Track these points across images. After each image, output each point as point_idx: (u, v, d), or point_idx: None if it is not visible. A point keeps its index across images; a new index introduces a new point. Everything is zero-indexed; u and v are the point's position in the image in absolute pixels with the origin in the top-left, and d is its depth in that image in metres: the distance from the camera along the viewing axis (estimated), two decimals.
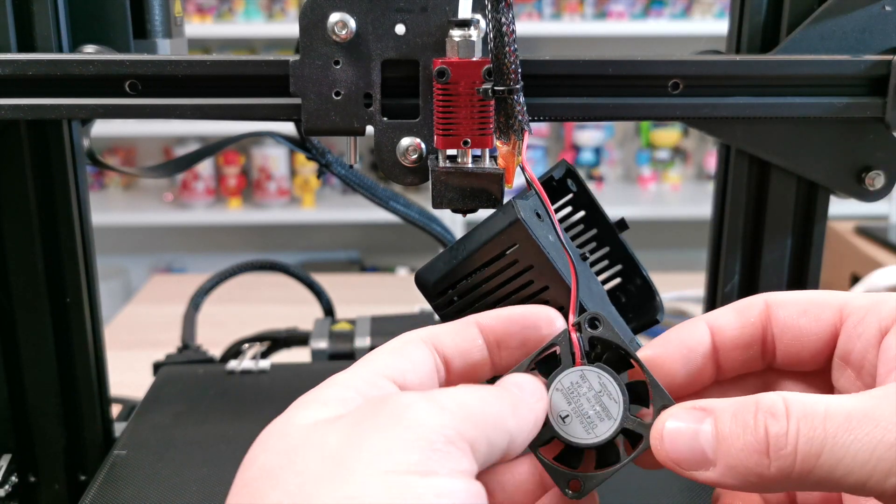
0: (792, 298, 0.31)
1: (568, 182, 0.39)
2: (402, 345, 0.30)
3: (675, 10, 2.52)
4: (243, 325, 0.74)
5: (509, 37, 0.32)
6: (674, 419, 0.28)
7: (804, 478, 0.25)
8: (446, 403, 0.25)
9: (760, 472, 0.26)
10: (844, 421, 0.25)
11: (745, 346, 0.31)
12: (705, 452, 0.27)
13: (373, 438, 0.24)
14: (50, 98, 0.40)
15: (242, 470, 0.26)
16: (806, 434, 0.25)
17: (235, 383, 0.58)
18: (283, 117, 0.41)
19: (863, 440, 0.25)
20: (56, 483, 0.50)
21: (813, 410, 0.26)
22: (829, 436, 0.25)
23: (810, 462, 0.25)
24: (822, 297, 0.31)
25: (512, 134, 0.33)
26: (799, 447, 0.25)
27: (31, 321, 0.48)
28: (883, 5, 0.42)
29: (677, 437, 0.28)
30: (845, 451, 0.25)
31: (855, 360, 0.30)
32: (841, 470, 0.25)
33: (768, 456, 0.26)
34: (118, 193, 2.73)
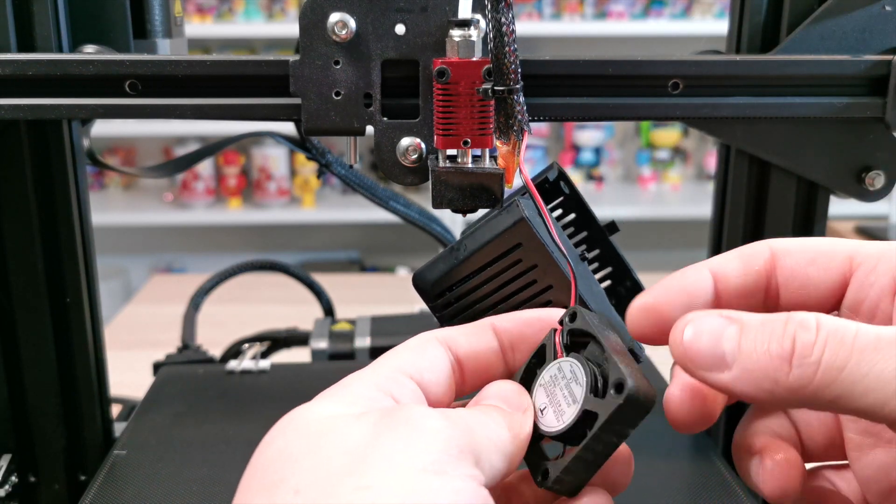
0: (799, 247, 0.30)
1: (561, 184, 0.39)
2: (421, 344, 0.30)
3: (675, 10, 2.52)
4: (243, 325, 0.74)
5: (509, 37, 0.32)
6: (697, 322, 0.27)
7: (820, 392, 0.25)
8: (457, 421, 0.26)
9: (778, 378, 0.26)
10: (874, 340, 0.25)
11: (749, 294, 0.30)
12: (725, 354, 0.27)
13: (392, 438, 0.25)
14: (50, 98, 0.40)
15: (259, 453, 0.26)
16: (833, 346, 0.25)
17: (235, 383, 0.58)
18: (283, 117, 0.41)
19: (889, 361, 0.24)
20: (56, 483, 0.50)
21: (844, 328, 0.25)
22: (856, 350, 0.25)
23: (831, 375, 0.25)
24: (830, 246, 0.30)
25: (512, 134, 0.33)
26: (824, 358, 0.25)
27: (31, 321, 0.48)
28: (883, 5, 0.42)
29: (700, 336, 0.27)
30: (870, 369, 0.24)
31: (866, 309, 0.29)
32: (861, 388, 0.24)
33: (790, 363, 0.25)
34: (118, 193, 2.73)
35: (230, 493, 0.45)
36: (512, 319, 0.31)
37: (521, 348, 0.31)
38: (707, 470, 0.47)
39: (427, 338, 0.30)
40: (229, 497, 0.45)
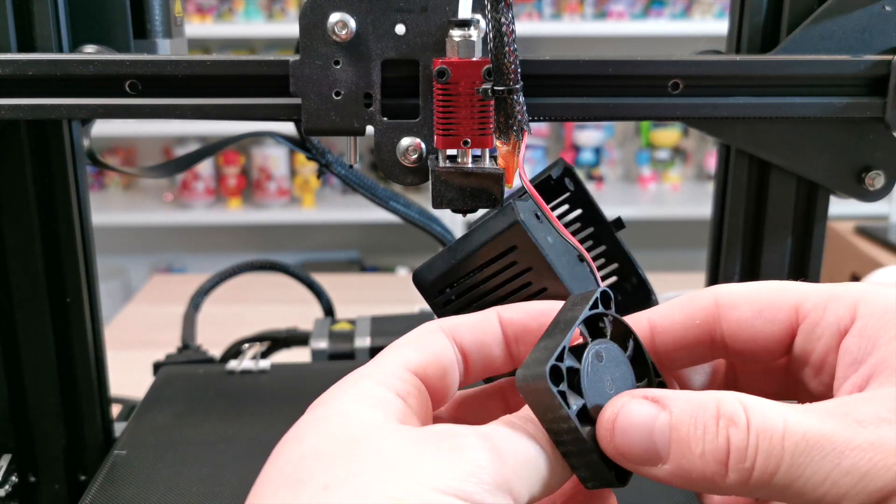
0: (744, 297, 0.30)
1: (566, 181, 0.39)
2: (423, 336, 0.30)
3: (675, 10, 2.52)
4: (243, 325, 0.74)
5: (509, 37, 0.32)
6: (626, 410, 0.27)
7: (755, 491, 0.25)
8: (505, 456, 0.25)
9: (716, 479, 0.25)
10: (801, 441, 0.24)
11: (690, 346, 0.30)
12: (658, 449, 0.26)
13: (429, 459, 0.24)
14: (50, 98, 0.40)
15: (286, 448, 0.26)
16: (765, 450, 0.25)
17: (235, 383, 0.58)
18: (283, 117, 0.41)
19: (818, 464, 0.24)
20: (56, 483, 0.50)
21: (772, 425, 0.25)
22: (786, 454, 0.24)
23: (765, 478, 0.25)
24: (775, 296, 0.29)
25: (512, 134, 0.33)
26: (757, 464, 0.25)
27: (31, 321, 0.48)
28: (883, 5, 0.42)
29: (629, 429, 0.26)
30: (801, 472, 0.24)
31: (815, 361, 0.29)
32: (795, 489, 0.24)
33: (727, 466, 0.25)
34: (118, 193, 2.73)
35: (230, 493, 0.45)
36: (518, 311, 0.31)
37: (525, 340, 0.31)
38: None
39: (432, 328, 0.30)
40: (229, 497, 0.46)
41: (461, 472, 0.24)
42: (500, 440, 0.26)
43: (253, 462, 0.26)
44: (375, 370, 0.28)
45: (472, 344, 0.30)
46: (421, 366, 0.29)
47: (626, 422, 0.26)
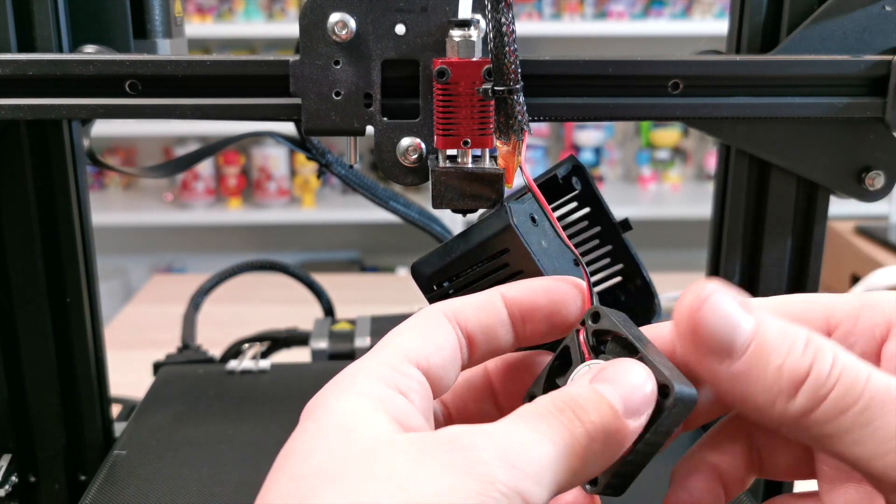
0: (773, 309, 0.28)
1: (573, 180, 0.39)
2: (425, 322, 0.29)
3: (675, 10, 2.52)
4: (243, 325, 0.74)
5: (509, 37, 0.32)
6: (719, 295, 0.25)
7: (813, 427, 0.24)
8: (522, 464, 0.24)
9: (777, 400, 0.24)
10: (884, 390, 0.24)
11: None
12: (735, 344, 0.25)
13: (438, 475, 0.23)
14: (50, 98, 0.40)
15: (291, 462, 0.25)
16: (845, 383, 0.24)
17: (235, 383, 0.58)
18: (283, 117, 0.41)
19: (892, 418, 0.23)
20: (56, 483, 0.50)
21: (858, 367, 0.24)
22: (865, 395, 0.24)
23: (832, 414, 0.24)
24: (804, 307, 0.29)
25: (512, 134, 0.33)
26: (833, 393, 0.24)
27: (31, 321, 0.48)
28: (883, 5, 0.42)
29: (715, 312, 0.25)
30: (871, 420, 0.23)
31: None
32: (853, 436, 0.23)
33: (799, 387, 0.24)
34: (118, 193, 2.73)
35: (230, 493, 0.45)
36: (522, 289, 0.30)
37: (533, 318, 0.30)
38: None
39: (434, 314, 0.29)
40: (229, 497, 0.46)
41: (470, 490, 0.23)
42: (514, 445, 0.24)
43: (253, 462, 0.26)
44: (374, 364, 0.27)
45: (477, 327, 0.29)
46: (423, 356, 0.28)
47: (716, 303, 0.25)
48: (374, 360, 0.27)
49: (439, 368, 0.28)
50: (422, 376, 0.27)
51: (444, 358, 0.28)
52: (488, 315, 0.30)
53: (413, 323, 0.29)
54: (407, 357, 0.27)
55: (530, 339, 0.31)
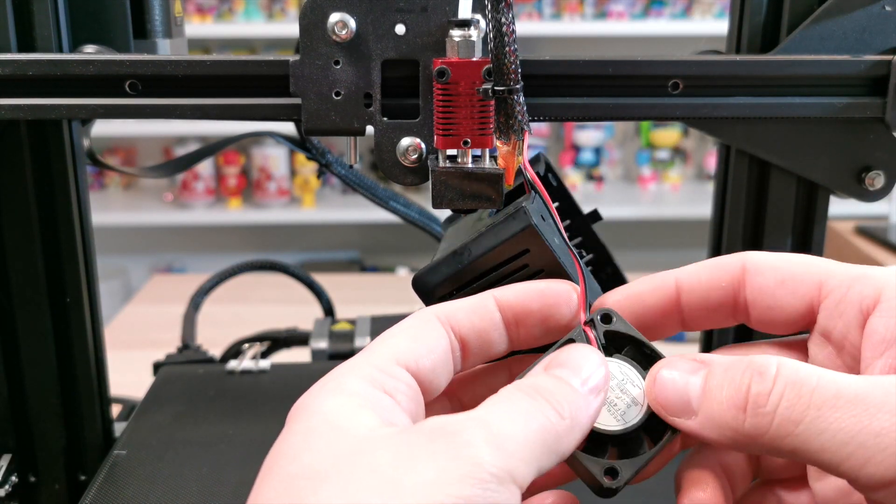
0: (770, 265, 0.30)
1: (549, 177, 0.39)
2: (417, 325, 0.29)
3: (675, 10, 2.52)
4: (243, 325, 0.74)
5: (509, 37, 0.32)
6: (669, 368, 0.28)
7: (777, 443, 0.25)
8: (505, 442, 0.24)
9: (736, 427, 0.26)
10: (833, 397, 0.24)
11: (714, 308, 0.31)
12: (690, 402, 0.27)
13: (426, 465, 0.23)
14: (50, 98, 0.40)
15: (280, 464, 0.25)
16: (790, 399, 0.25)
17: (235, 383, 0.58)
18: (283, 117, 0.41)
19: (846, 421, 0.24)
20: (56, 483, 0.50)
21: (803, 379, 0.25)
22: (813, 406, 0.24)
23: (787, 428, 0.25)
24: (801, 269, 0.30)
25: (512, 134, 0.33)
26: (779, 410, 0.25)
27: (31, 321, 0.48)
28: (883, 5, 0.42)
29: (668, 384, 0.28)
30: (827, 427, 0.24)
31: (836, 339, 0.29)
32: (817, 444, 0.24)
33: (745, 411, 0.26)
34: (118, 193, 2.74)
35: (230, 493, 0.45)
36: (515, 292, 0.30)
37: (526, 323, 0.30)
38: None
39: (426, 317, 0.29)
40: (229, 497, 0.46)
41: (458, 475, 0.23)
42: (497, 423, 0.25)
43: (253, 462, 0.26)
44: (362, 365, 0.27)
45: (471, 331, 0.30)
46: (413, 359, 0.28)
47: (667, 377, 0.28)
48: (363, 361, 0.28)
49: (429, 372, 0.28)
50: (411, 378, 0.28)
51: (434, 361, 0.28)
52: (481, 318, 0.30)
53: (405, 325, 0.29)
54: (396, 359, 0.28)
55: (524, 343, 0.31)
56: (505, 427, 0.25)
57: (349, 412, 0.26)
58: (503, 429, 0.25)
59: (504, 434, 0.24)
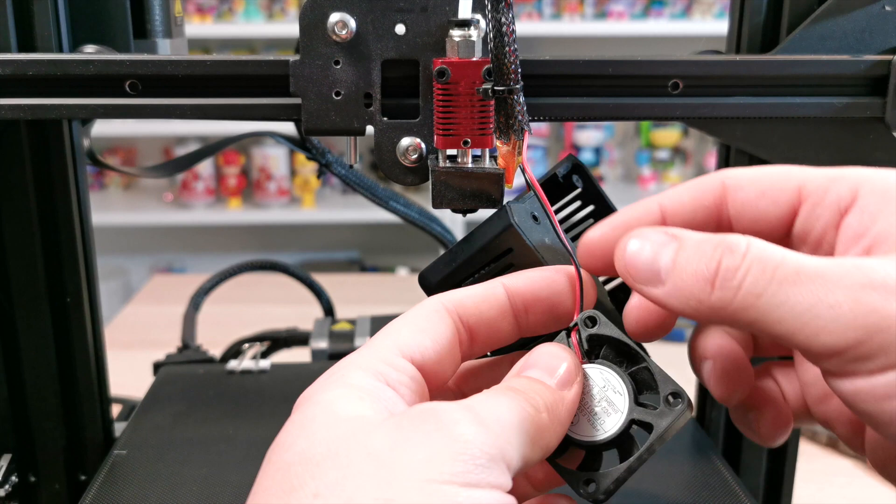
0: (750, 179, 0.31)
1: (573, 178, 0.39)
2: (423, 315, 0.29)
3: (675, 10, 2.52)
4: (243, 325, 0.74)
5: (509, 37, 0.32)
6: (641, 238, 0.29)
7: (740, 314, 0.26)
8: (490, 424, 0.25)
9: (702, 298, 0.27)
10: (793, 273, 0.25)
11: (698, 227, 0.31)
12: (659, 271, 0.28)
13: (417, 446, 0.24)
14: (50, 98, 0.40)
15: (277, 452, 0.26)
16: (755, 274, 0.26)
17: (235, 383, 0.58)
18: (283, 117, 0.41)
19: (804, 294, 0.25)
20: (56, 483, 0.50)
21: (769, 256, 0.26)
22: (775, 281, 0.25)
23: (749, 301, 0.26)
24: (779, 177, 0.30)
25: (512, 134, 0.33)
26: (745, 284, 0.26)
27: (31, 321, 0.48)
28: (883, 5, 0.42)
29: (640, 252, 0.29)
30: (785, 299, 0.25)
31: (813, 240, 0.30)
32: (775, 316, 0.25)
33: (713, 285, 0.26)
34: (118, 193, 2.73)
35: (230, 493, 0.45)
36: (525, 279, 0.31)
37: (535, 309, 0.31)
38: (707, 470, 0.47)
39: (433, 307, 0.30)
40: (229, 497, 0.46)
41: (450, 453, 0.24)
42: (481, 409, 0.26)
43: (253, 462, 0.26)
44: (366, 357, 0.28)
45: (479, 319, 0.30)
46: (418, 350, 0.28)
47: (640, 244, 0.29)
48: (366, 353, 0.28)
49: (435, 363, 0.28)
50: (414, 370, 0.28)
51: (439, 352, 0.29)
52: (490, 306, 0.30)
53: (411, 316, 0.29)
54: (400, 351, 0.28)
55: (533, 330, 0.31)
56: (488, 413, 0.25)
57: (348, 402, 0.26)
58: (487, 414, 0.25)
59: (489, 418, 0.25)
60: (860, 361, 0.24)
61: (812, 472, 0.72)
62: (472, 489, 0.23)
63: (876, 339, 0.24)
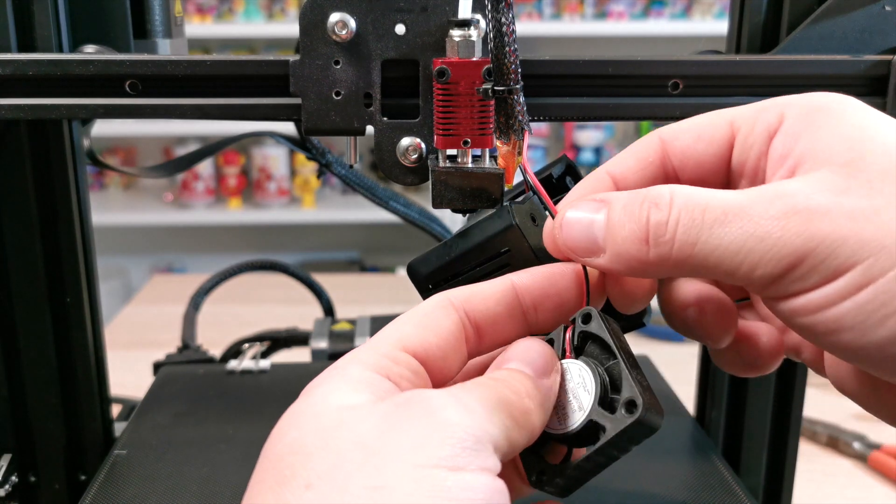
0: (684, 127, 0.31)
1: (567, 179, 0.39)
2: (430, 311, 0.29)
3: (675, 10, 2.52)
4: (243, 325, 0.74)
5: (509, 37, 0.32)
6: (574, 209, 0.29)
7: (681, 264, 0.27)
8: (474, 407, 0.26)
9: (641, 258, 0.27)
10: (721, 214, 0.26)
11: (649, 186, 0.31)
12: (596, 240, 0.29)
13: (405, 432, 0.24)
14: (50, 98, 0.40)
15: (271, 445, 0.26)
16: (685, 224, 0.26)
17: (235, 383, 0.58)
18: (283, 117, 0.41)
19: (735, 233, 0.26)
20: (56, 483, 0.51)
21: (695, 202, 0.27)
22: (705, 226, 0.26)
23: (686, 250, 0.26)
24: (712, 118, 0.31)
25: (512, 134, 0.33)
26: (677, 236, 0.27)
27: (31, 321, 0.48)
28: (883, 5, 0.42)
29: (574, 226, 0.29)
30: (718, 242, 0.26)
31: (749, 170, 0.30)
32: (714, 259, 0.26)
33: (648, 243, 0.27)
34: (118, 193, 2.73)
35: (230, 493, 0.45)
36: (533, 276, 0.31)
37: (545, 306, 0.31)
38: (707, 470, 0.47)
39: (440, 303, 0.30)
40: (229, 497, 0.46)
41: (437, 439, 0.24)
42: (464, 394, 0.26)
43: (253, 462, 0.26)
44: (368, 352, 0.28)
45: (486, 316, 0.30)
46: (421, 346, 0.28)
47: (571, 219, 0.29)
48: (369, 348, 0.28)
49: (439, 358, 0.28)
50: (417, 364, 0.28)
51: (443, 348, 0.29)
52: (497, 303, 0.30)
53: (417, 311, 0.30)
54: (402, 345, 0.28)
55: (542, 327, 0.31)
56: (471, 398, 0.26)
57: (341, 394, 0.26)
58: (469, 399, 0.26)
59: (472, 403, 0.26)
60: (796, 282, 0.25)
61: (812, 472, 0.72)
62: (460, 473, 0.24)
63: (807, 261, 0.25)
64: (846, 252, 0.25)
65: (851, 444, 0.75)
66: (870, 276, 0.24)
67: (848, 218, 0.25)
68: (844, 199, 0.25)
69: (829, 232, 0.25)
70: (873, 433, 0.76)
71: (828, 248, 0.25)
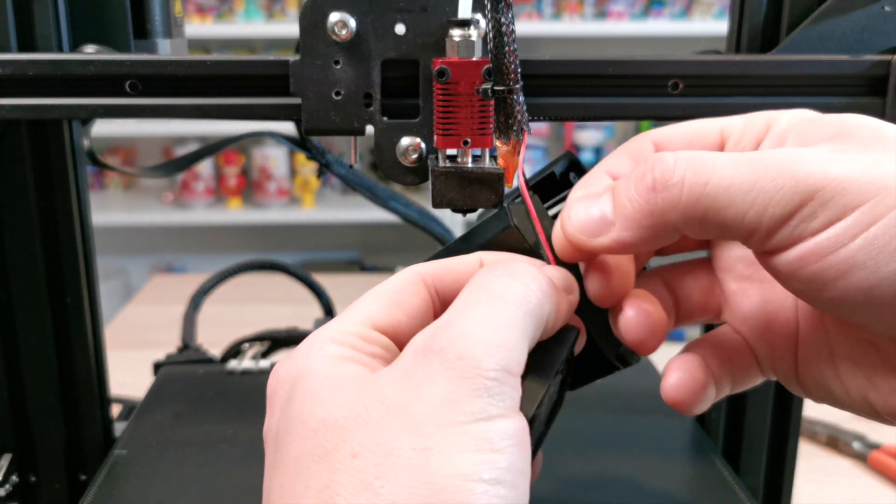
0: (676, 133, 0.32)
1: (570, 176, 0.39)
2: (400, 287, 0.30)
3: (675, 10, 2.52)
4: (243, 325, 0.74)
5: (509, 37, 0.32)
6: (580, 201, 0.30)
7: (690, 211, 0.27)
8: (495, 339, 0.26)
9: (650, 209, 0.28)
10: (732, 161, 0.27)
11: None
12: (605, 214, 0.29)
13: (433, 390, 0.25)
14: (50, 98, 0.40)
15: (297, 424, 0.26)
16: (694, 167, 0.27)
17: (235, 383, 0.58)
18: (283, 117, 0.41)
19: (746, 173, 0.26)
20: (56, 483, 0.51)
21: (702, 155, 0.28)
22: (716, 169, 0.27)
23: (696, 190, 0.27)
24: (703, 126, 0.32)
25: (512, 134, 0.33)
26: (686, 178, 0.27)
27: (31, 321, 0.48)
28: (883, 5, 0.42)
29: (580, 209, 0.30)
30: (731, 181, 0.26)
31: None
32: (724, 200, 0.26)
33: (655, 190, 0.28)
34: (118, 193, 2.73)
35: (230, 493, 0.45)
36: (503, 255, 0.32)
37: None
38: (707, 470, 0.47)
39: (412, 278, 0.30)
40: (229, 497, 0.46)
41: (468, 390, 0.24)
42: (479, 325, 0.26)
43: (253, 462, 0.26)
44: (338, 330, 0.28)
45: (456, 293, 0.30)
46: (390, 323, 0.29)
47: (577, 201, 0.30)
48: (338, 325, 0.28)
49: (408, 336, 0.28)
50: (388, 341, 0.28)
51: (412, 326, 0.29)
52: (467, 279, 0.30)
53: (386, 287, 0.30)
54: (372, 323, 0.28)
55: None
56: (484, 325, 0.26)
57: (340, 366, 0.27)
58: (484, 325, 0.26)
59: (488, 330, 0.26)
60: (805, 222, 0.26)
61: (812, 472, 0.72)
62: (495, 421, 0.24)
63: (817, 197, 0.26)
64: (853, 191, 0.25)
65: (851, 444, 0.75)
66: (877, 213, 0.25)
67: (851, 165, 0.26)
68: (843, 155, 0.26)
69: (836, 175, 0.26)
70: (873, 433, 0.76)
71: (834, 189, 0.26)
